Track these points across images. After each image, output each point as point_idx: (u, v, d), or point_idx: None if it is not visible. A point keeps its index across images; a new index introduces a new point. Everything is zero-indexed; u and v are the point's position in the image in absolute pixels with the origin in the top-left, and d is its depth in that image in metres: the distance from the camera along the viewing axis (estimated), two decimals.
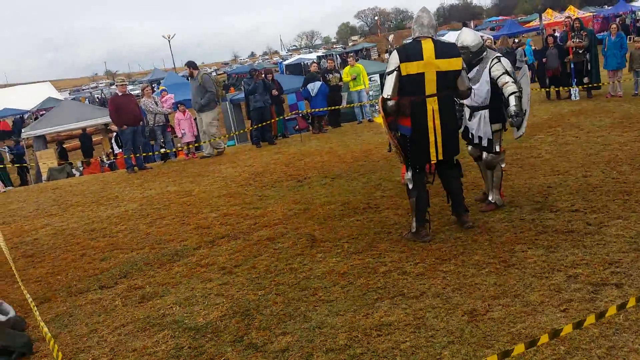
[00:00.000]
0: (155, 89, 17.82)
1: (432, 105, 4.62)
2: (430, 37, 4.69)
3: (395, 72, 4.61)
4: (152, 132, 12.01)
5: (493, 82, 5.14)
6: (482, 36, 5.85)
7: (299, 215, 6.12)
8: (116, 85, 11.64)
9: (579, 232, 4.50)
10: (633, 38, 13.80)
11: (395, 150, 4.94)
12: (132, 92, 15.03)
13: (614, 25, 12.82)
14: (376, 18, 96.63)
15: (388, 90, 4.65)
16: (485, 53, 5.29)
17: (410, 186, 4.84)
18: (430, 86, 4.60)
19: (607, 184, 5.67)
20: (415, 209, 4.83)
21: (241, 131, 15.24)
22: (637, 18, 36.94)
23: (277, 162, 9.63)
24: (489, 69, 5.15)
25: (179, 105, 12.31)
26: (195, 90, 11.40)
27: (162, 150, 12.15)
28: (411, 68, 4.56)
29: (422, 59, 4.56)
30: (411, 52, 4.63)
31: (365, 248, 4.85)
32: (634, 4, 41.05)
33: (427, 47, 4.60)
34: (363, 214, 5.88)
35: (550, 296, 3.53)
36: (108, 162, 15.00)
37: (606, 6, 53.78)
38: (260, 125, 11.84)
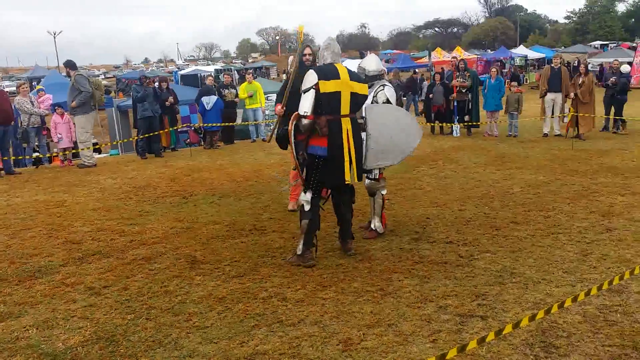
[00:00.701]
0: (34, 87, 16.49)
1: (346, 125, 4.71)
2: (340, 63, 4.88)
3: (312, 89, 4.62)
4: (25, 134, 11.00)
5: None
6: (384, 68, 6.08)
7: (180, 235, 5.85)
8: None
9: (451, 264, 4.72)
10: (509, 83, 15.07)
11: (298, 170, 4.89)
12: (6, 89, 13.77)
13: (494, 69, 13.92)
14: (277, 38, 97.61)
15: (305, 107, 4.63)
16: (378, 80, 5.55)
17: (307, 208, 4.79)
18: (345, 106, 4.71)
19: (479, 218, 6.05)
20: (306, 232, 4.79)
21: (126, 140, 14.49)
22: (515, 64, 40.66)
23: (163, 176, 9.23)
24: (374, 95, 5.43)
25: (56, 107, 11.34)
26: (69, 91, 10.58)
27: (35, 154, 11.18)
28: (329, 86, 4.63)
29: (339, 78, 4.68)
30: (328, 72, 4.71)
31: (247, 271, 4.72)
32: (513, 50, 45.16)
33: (342, 70, 4.78)
34: (248, 235, 5.76)
35: (421, 326, 3.63)
36: None
37: (489, 50, 58.72)
38: (147, 135, 11.33)
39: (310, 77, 4.67)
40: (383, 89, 5.45)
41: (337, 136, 4.66)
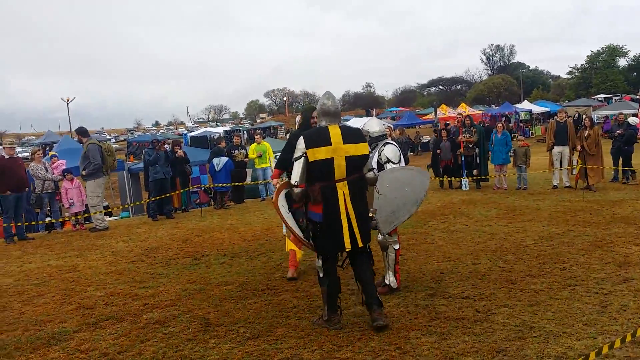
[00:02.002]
0: (47, 153, 16.83)
1: (342, 189, 4.51)
2: (337, 124, 4.67)
3: (302, 158, 4.52)
4: (38, 199, 11.18)
5: (380, 165, 5.54)
6: (389, 127, 6.31)
7: (193, 296, 5.82)
8: (3, 147, 10.84)
9: (469, 319, 4.64)
10: (517, 137, 15.24)
11: (291, 236, 4.90)
12: (20, 155, 14.08)
13: (500, 124, 14.12)
14: (285, 98, 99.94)
15: (295, 177, 4.54)
16: (380, 141, 5.73)
17: (322, 274, 4.63)
18: (340, 171, 4.51)
19: (494, 272, 5.98)
20: (328, 297, 4.64)
21: (137, 203, 14.63)
22: (520, 119, 41.22)
23: (174, 238, 9.26)
24: (379, 154, 5.59)
25: (65, 173, 11.53)
26: (81, 159, 10.84)
27: (48, 219, 11.30)
28: (319, 154, 4.47)
29: (331, 144, 4.49)
30: (318, 138, 4.53)
31: (262, 333, 4.66)
32: (517, 105, 45.90)
33: (335, 133, 4.55)
34: (261, 296, 5.71)
35: None
36: None
37: (494, 106, 59.69)
38: (159, 197, 11.45)
39: (299, 146, 4.54)
40: (383, 149, 5.62)
41: (332, 202, 4.48)
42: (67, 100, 61.45)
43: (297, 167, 4.55)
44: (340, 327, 4.62)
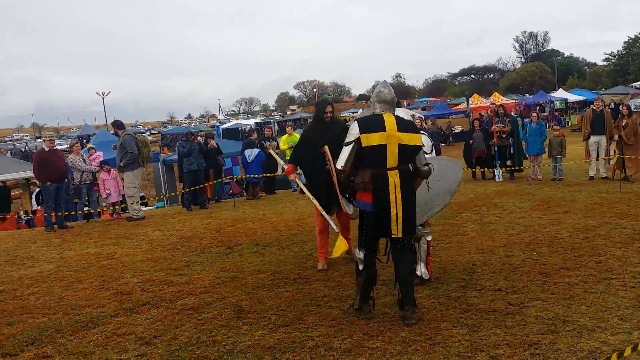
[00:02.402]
0: (84, 146, 17.30)
1: (394, 178, 4.45)
2: (391, 113, 4.64)
3: (353, 143, 4.48)
4: (77, 190, 11.51)
5: None
6: (412, 115, 6.26)
7: (226, 284, 5.94)
8: (43, 140, 11.19)
9: (501, 312, 4.61)
10: (552, 126, 14.93)
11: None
12: (59, 147, 14.50)
13: (534, 114, 13.86)
14: (315, 90, 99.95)
15: (341, 162, 4.54)
16: None
17: (361, 266, 4.64)
18: (392, 159, 4.46)
19: (528, 265, 5.91)
20: (362, 288, 4.65)
21: (172, 194, 14.93)
22: (555, 107, 40.25)
23: (208, 227, 9.42)
24: None
25: (103, 164, 11.85)
26: (117, 150, 11.12)
27: (86, 209, 11.63)
28: (373, 139, 4.43)
29: (385, 130, 4.45)
30: (372, 123, 4.51)
31: (293, 321, 4.73)
32: (552, 94, 44.81)
33: (389, 120, 4.52)
34: (293, 284, 5.79)
35: None
36: (26, 218, 14.15)
37: (527, 94, 58.48)
38: (193, 188, 11.66)
39: (353, 130, 4.51)
40: None
41: (383, 190, 4.43)
42: (103, 95, 62.87)
43: (346, 152, 4.52)
44: (370, 317, 4.65)
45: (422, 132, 5.71)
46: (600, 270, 5.54)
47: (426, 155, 5.47)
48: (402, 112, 6.01)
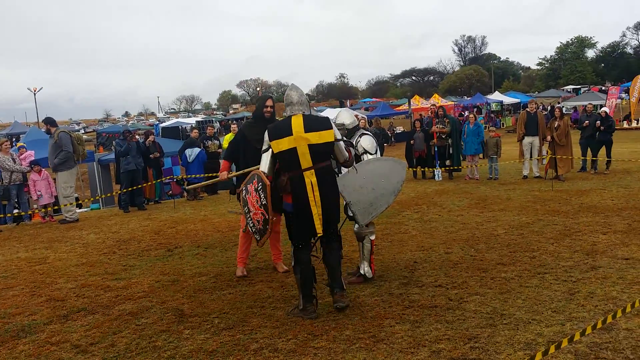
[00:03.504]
0: (14, 144, 16.40)
1: (310, 178, 4.62)
2: (300, 113, 4.76)
3: (268, 150, 4.72)
4: (6, 191, 10.89)
5: (357, 156, 5.56)
6: (356, 115, 6.30)
7: (166, 288, 5.77)
8: None
9: (441, 307, 4.71)
10: (488, 128, 15.44)
11: (260, 230, 4.87)
12: None
13: (472, 115, 14.29)
14: (258, 89, 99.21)
15: (263, 168, 4.75)
16: (356, 131, 5.76)
17: (294, 263, 4.76)
18: (305, 160, 4.62)
19: (466, 261, 6.08)
20: (301, 286, 4.72)
21: (108, 194, 14.41)
22: (492, 109, 41.74)
23: (146, 229, 9.15)
24: (355, 145, 5.61)
25: (33, 165, 11.26)
26: (51, 149, 10.59)
27: (16, 212, 11.04)
28: (282, 145, 4.63)
29: (292, 134, 4.62)
30: (280, 129, 4.70)
31: (236, 323, 4.65)
32: (489, 96, 46.48)
33: (297, 122, 4.68)
34: (236, 286, 5.70)
35: None
36: None
37: (466, 97, 60.43)
38: (130, 189, 11.29)
39: (265, 138, 4.75)
40: (360, 139, 5.65)
41: (301, 191, 4.62)
42: (35, 91, 59.97)
43: (265, 159, 4.75)
44: (315, 317, 4.65)
45: (366, 133, 5.78)
46: (534, 265, 5.77)
47: (370, 156, 5.55)
48: (346, 113, 6.03)
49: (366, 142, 5.63)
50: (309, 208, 4.61)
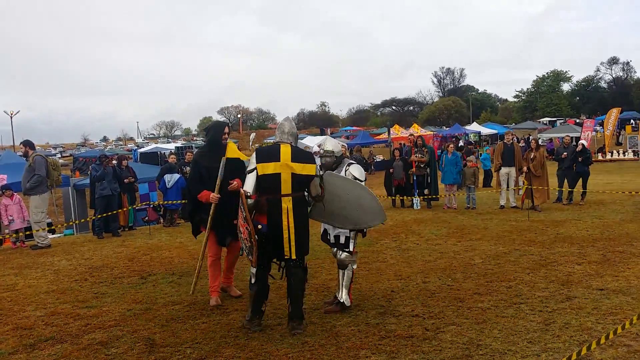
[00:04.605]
0: None
1: (286, 204, 4.87)
2: (289, 143, 5.06)
3: (254, 171, 4.91)
4: None
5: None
6: (343, 146, 6.29)
7: (138, 316, 5.62)
8: None
9: (418, 338, 4.67)
10: (465, 158, 15.62)
11: (248, 247, 4.87)
12: None
13: (451, 145, 14.47)
14: (239, 115, 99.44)
15: (247, 188, 4.89)
16: (343, 159, 5.82)
17: (253, 280, 4.98)
18: (286, 186, 4.88)
19: (443, 290, 6.06)
20: (254, 301, 4.99)
21: (82, 220, 14.14)
22: (470, 140, 42.37)
23: (120, 256, 8.97)
24: (344, 173, 5.64)
25: (4, 190, 10.99)
26: (25, 172, 10.36)
27: None
28: (268, 168, 4.87)
29: (279, 160, 4.89)
30: (269, 154, 4.96)
31: (209, 354, 4.53)
32: (467, 127, 47.28)
33: (285, 151, 4.96)
34: (210, 315, 5.58)
35: None
36: None
37: (444, 127, 61.41)
38: (105, 214, 11.10)
39: (252, 159, 4.98)
40: (349, 168, 5.67)
41: (276, 214, 4.85)
42: (11, 114, 59.26)
43: (249, 180, 4.94)
44: (260, 329, 4.93)
45: (353, 162, 5.84)
46: (511, 295, 5.77)
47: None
48: (333, 140, 5.99)
49: (357, 171, 5.68)
50: (281, 231, 4.85)
